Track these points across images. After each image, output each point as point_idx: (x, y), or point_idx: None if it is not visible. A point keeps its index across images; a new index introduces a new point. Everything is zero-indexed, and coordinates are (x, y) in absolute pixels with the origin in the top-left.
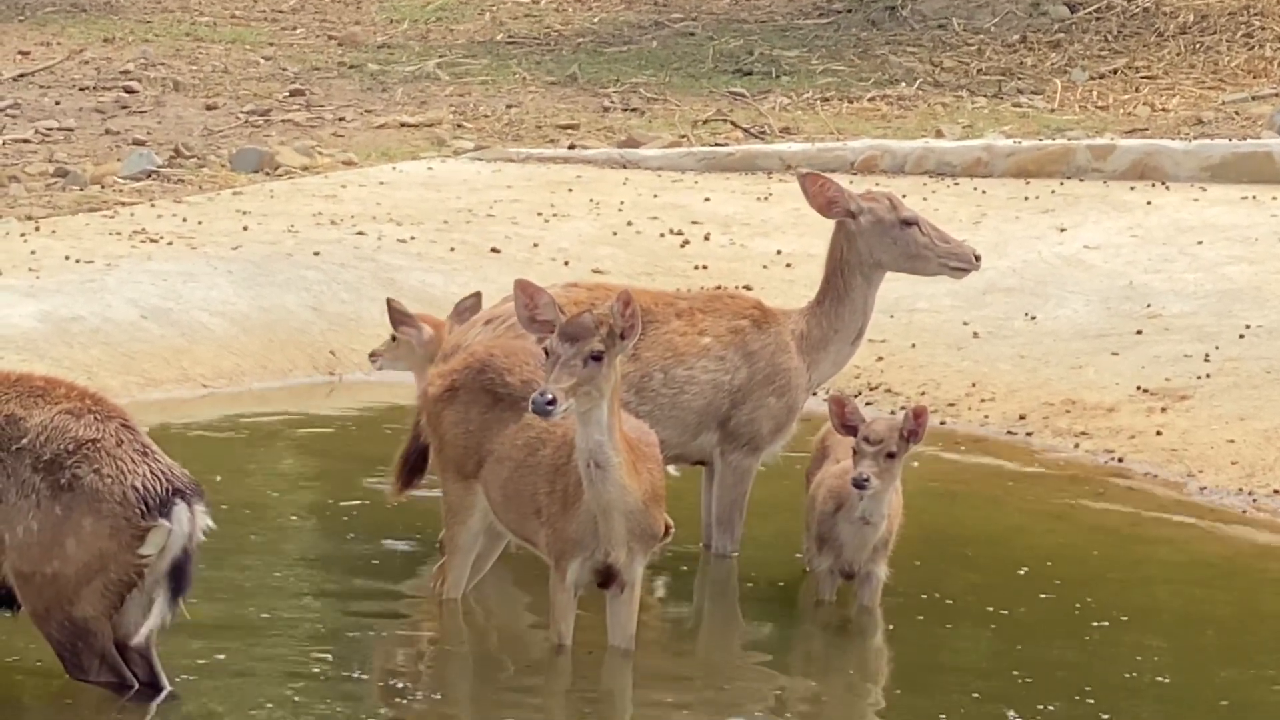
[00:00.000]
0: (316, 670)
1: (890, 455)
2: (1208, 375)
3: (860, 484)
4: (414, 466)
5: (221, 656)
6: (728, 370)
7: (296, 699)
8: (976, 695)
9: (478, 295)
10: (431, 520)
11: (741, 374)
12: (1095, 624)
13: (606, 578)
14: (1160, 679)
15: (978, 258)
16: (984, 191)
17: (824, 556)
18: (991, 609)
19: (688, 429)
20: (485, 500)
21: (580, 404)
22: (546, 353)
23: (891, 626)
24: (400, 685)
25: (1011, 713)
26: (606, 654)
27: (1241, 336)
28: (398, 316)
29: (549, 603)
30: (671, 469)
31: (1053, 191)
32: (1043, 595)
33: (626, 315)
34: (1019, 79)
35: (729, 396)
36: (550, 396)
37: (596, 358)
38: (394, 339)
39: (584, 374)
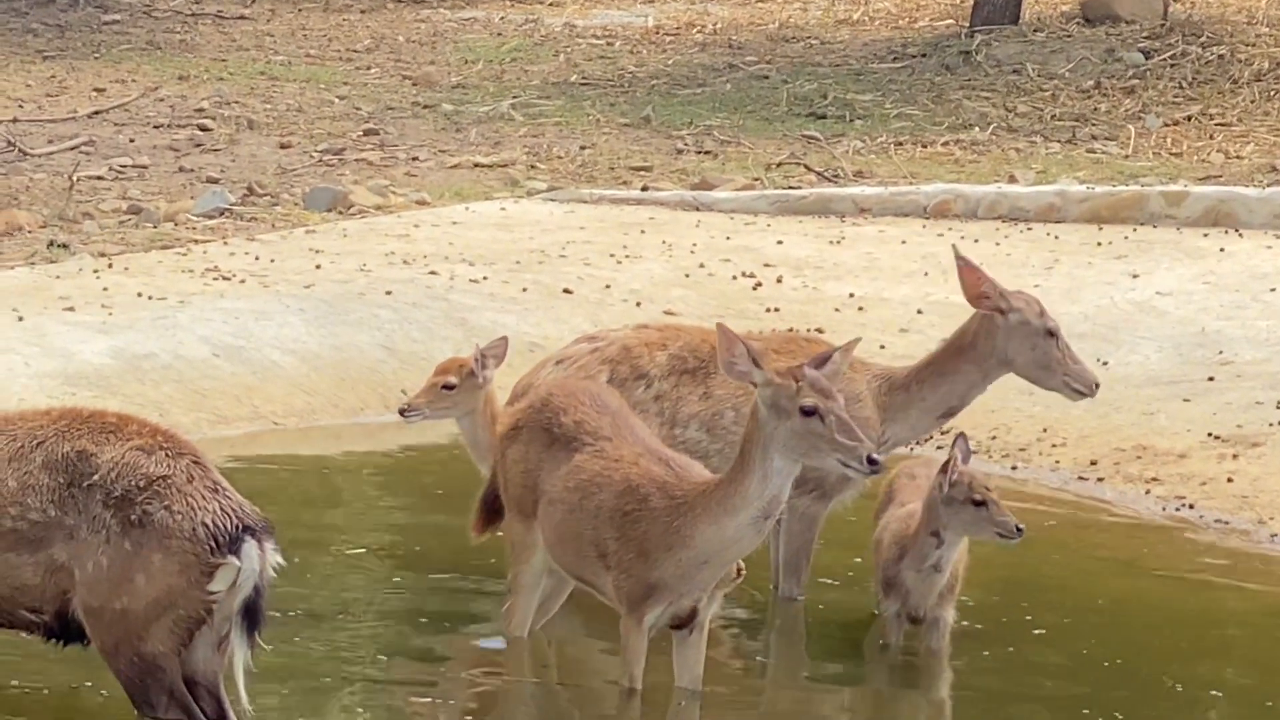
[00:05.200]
0: (382, 708)
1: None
2: (1279, 422)
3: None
4: (493, 508)
5: (285, 692)
6: None
7: None
8: None
9: (504, 340)
10: (503, 558)
11: None
12: (1164, 670)
13: (684, 619)
14: None
15: (1097, 385)
16: (1057, 237)
17: (890, 601)
18: (1060, 654)
19: None
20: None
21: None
22: (817, 413)
23: (959, 670)
24: None
25: None
26: (674, 695)
27: None
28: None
29: (621, 645)
30: None
31: (1126, 238)
32: (1112, 641)
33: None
34: (1093, 125)
35: None
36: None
37: None
38: (448, 387)
39: None
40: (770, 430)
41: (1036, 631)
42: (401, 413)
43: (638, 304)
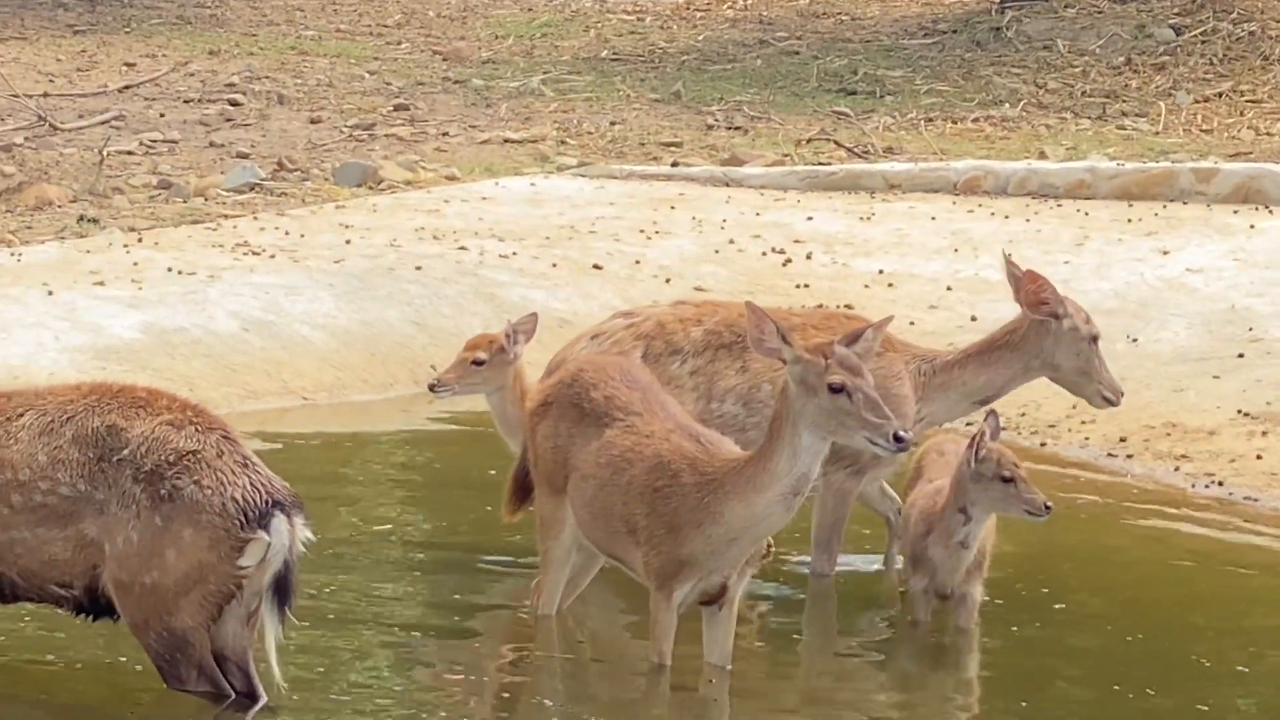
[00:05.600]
0: (412, 682)
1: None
2: None
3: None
4: (525, 487)
5: (320, 669)
6: None
7: (390, 709)
8: (1077, 715)
9: (534, 316)
10: (533, 533)
11: None
12: (1192, 646)
13: (714, 596)
14: (1261, 702)
15: (1122, 394)
16: (1087, 213)
17: (918, 578)
18: (1088, 631)
19: None
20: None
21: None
22: (845, 390)
23: (987, 647)
24: (492, 700)
25: None
26: (704, 671)
27: None
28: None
29: (650, 621)
30: None
31: (1155, 214)
32: (1141, 617)
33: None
34: (1123, 101)
35: None
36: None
37: None
38: (478, 363)
39: None
40: (799, 407)
41: (1064, 607)
42: (431, 388)
43: (667, 280)
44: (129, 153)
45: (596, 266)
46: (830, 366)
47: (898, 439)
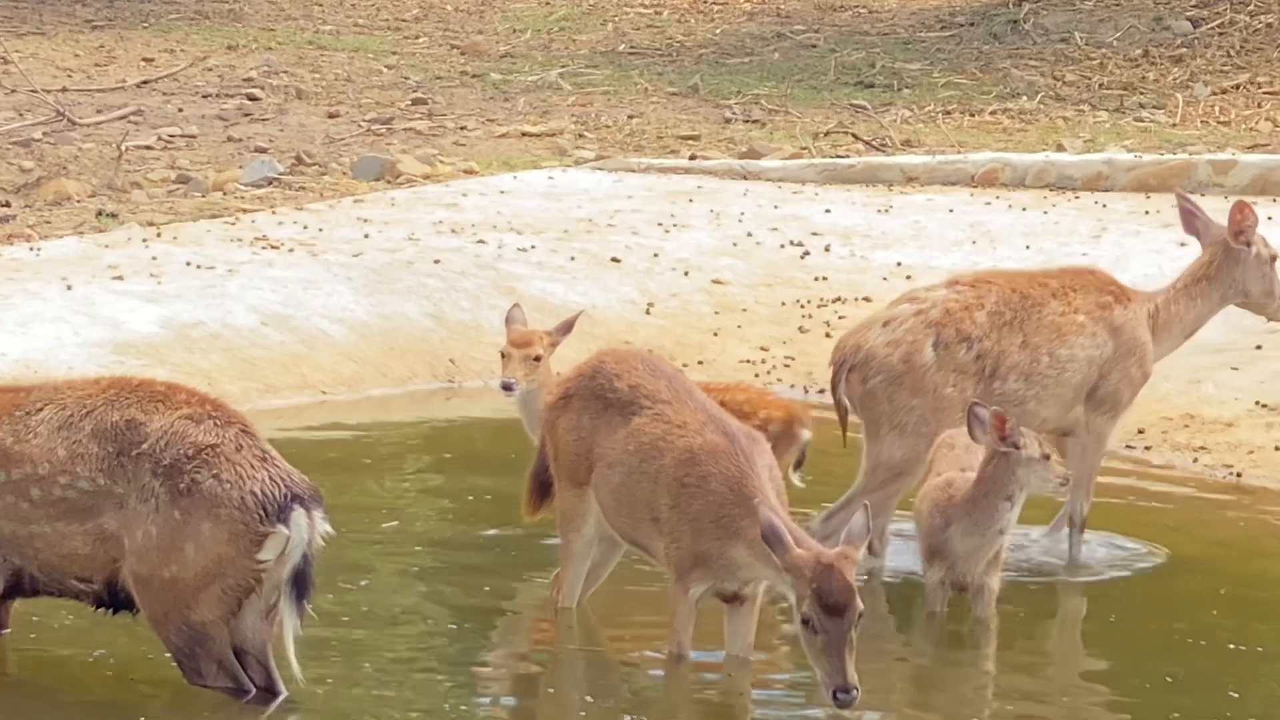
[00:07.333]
0: (429, 675)
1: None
2: None
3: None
4: (544, 485)
5: (339, 664)
6: (1098, 345)
7: (410, 703)
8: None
9: (517, 306)
10: (550, 527)
11: (1108, 348)
12: (1213, 636)
13: (730, 598)
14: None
15: None
16: (1104, 205)
17: (935, 569)
18: (1108, 623)
19: (1066, 405)
20: (598, 507)
21: None
22: (809, 626)
23: (1004, 637)
24: (514, 692)
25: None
26: (725, 662)
27: None
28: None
29: (670, 612)
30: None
31: (1173, 206)
32: (1160, 608)
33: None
34: (1141, 93)
35: (1098, 369)
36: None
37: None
38: (538, 359)
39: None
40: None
41: (1086, 599)
42: (505, 388)
43: (685, 273)
44: (147, 148)
45: (615, 259)
46: (810, 595)
47: (835, 697)
